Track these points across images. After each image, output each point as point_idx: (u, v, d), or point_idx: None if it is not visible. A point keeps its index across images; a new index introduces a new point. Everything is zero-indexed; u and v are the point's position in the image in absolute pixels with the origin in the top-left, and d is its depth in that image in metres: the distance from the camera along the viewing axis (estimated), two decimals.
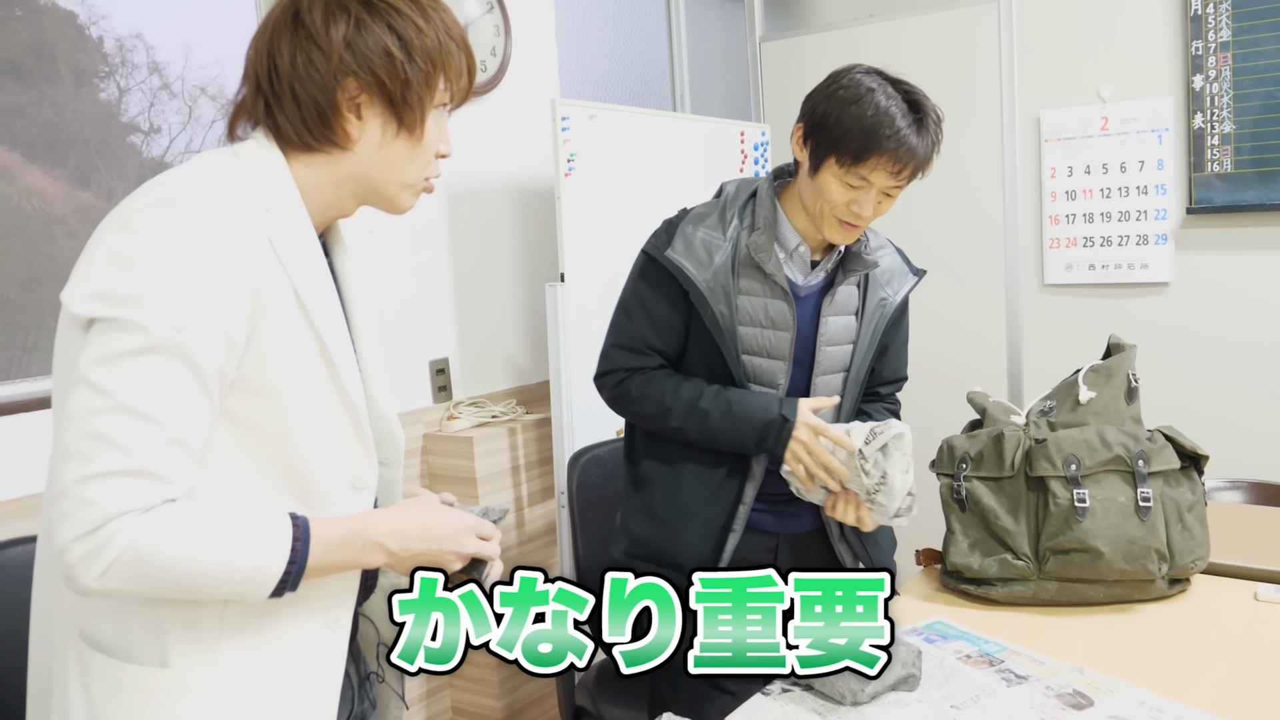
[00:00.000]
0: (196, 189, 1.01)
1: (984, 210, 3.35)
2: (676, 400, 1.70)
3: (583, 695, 2.23)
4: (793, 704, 1.52)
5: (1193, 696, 1.49)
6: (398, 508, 1.16)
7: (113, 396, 0.94)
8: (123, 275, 0.96)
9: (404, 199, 1.16)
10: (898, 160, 1.57)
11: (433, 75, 1.10)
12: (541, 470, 2.88)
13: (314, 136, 1.08)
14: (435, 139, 1.15)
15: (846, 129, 1.58)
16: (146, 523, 0.94)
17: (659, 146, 3.01)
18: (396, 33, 1.07)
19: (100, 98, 2.29)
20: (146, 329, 0.95)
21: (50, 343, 1.07)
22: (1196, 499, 1.87)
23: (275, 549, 1.01)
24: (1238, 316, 3.04)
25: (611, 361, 1.79)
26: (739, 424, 1.66)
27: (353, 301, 1.21)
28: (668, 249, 1.69)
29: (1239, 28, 2.95)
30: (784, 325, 1.69)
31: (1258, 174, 2.97)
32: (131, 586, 0.96)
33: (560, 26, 3.25)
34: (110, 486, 0.93)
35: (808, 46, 3.72)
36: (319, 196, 1.12)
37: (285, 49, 1.07)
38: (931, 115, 1.62)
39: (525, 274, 3.10)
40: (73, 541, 0.93)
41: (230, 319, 0.99)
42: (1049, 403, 1.97)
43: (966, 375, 2.99)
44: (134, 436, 0.94)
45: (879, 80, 1.62)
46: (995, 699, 1.50)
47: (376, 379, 1.22)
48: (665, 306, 1.71)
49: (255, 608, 1.06)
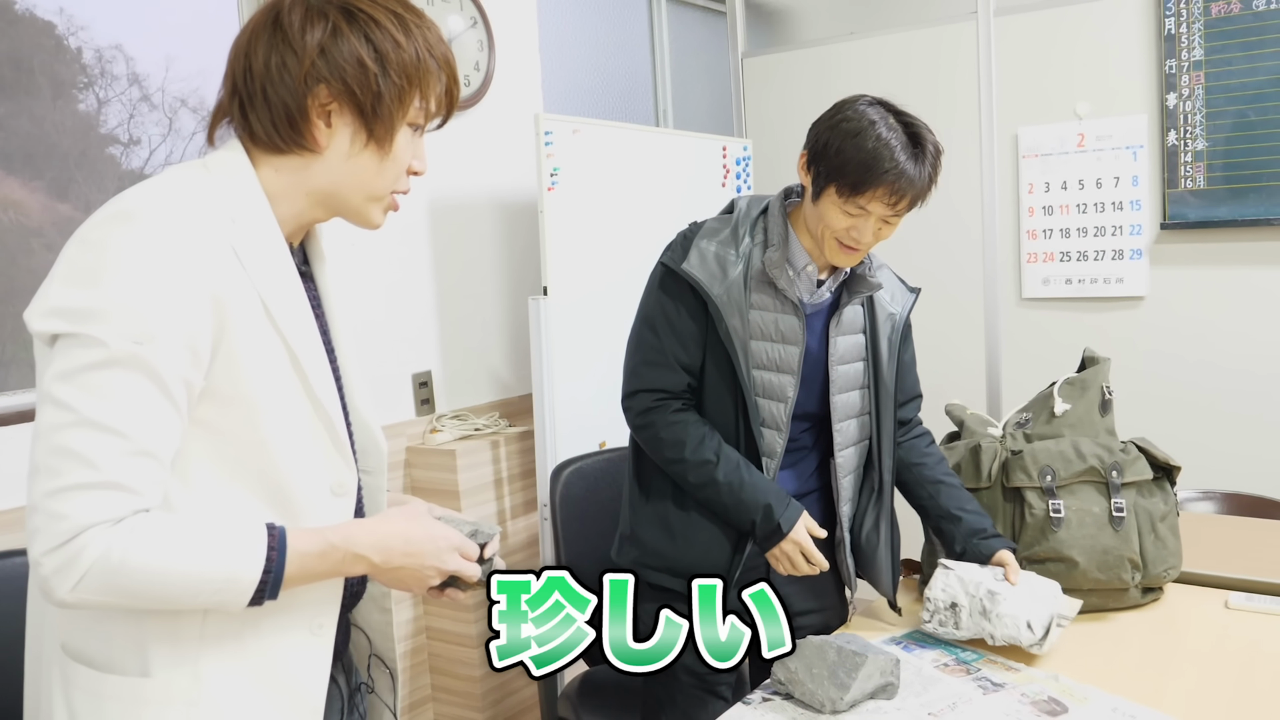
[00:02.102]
0: (154, 202, 1.00)
1: (963, 224, 3.39)
2: (696, 456, 1.71)
3: (565, 707, 2.23)
4: (773, 712, 1.53)
5: (1165, 703, 1.51)
6: (382, 518, 1.15)
7: (76, 411, 0.94)
8: (79, 291, 0.96)
9: (371, 212, 1.15)
10: (894, 193, 1.61)
11: (407, 91, 1.09)
12: (524, 483, 2.88)
13: (283, 139, 1.07)
14: (407, 154, 1.13)
15: (846, 160, 1.61)
16: (117, 533, 0.95)
17: (642, 161, 3.03)
18: (373, 45, 1.06)
19: (79, 109, 2.29)
20: (105, 343, 0.95)
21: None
22: (1169, 509, 1.90)
23: (250, 558, 1.00)
24: (1210, 330, 3.08)
25: (641, 380, 1.77)
26: (742, 509, 1.70)
27: (333, 311, 1.21)
28: (684, 262, 1.71)
29: (1211, 47, 3.01)
30: (794, 339, 1.71)
31: (1230, 190, 3.02)
32: (105, 598, 0.96)
33: (544, 41, 3.27)
34: (79, 500, 0.93)
35: (790, 63, 3.75)
36: (289, 203, 1.11)
37: (261, 50, 1.06)
38: (929, 148, 1.64)
39: (508, 287, 3.11)
40: (44, 555, 0.94)
41: (191, 329, 0.98)
42: (1025, 415, 2.00)
43: (945, 387, 3.01)
44: (99, 450, 0.94)
45: (881, 112, 1.64)
46: (972, 706, 1.52)
47: (358, 388, 1.21)
48: (688, 319, 1.72)
49: (237, 616, 1.06)
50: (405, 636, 2.78)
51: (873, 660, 1.51)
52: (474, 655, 2.72)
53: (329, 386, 1.11)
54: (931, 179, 1.66)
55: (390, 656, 1.34)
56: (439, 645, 2.80)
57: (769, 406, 1.73)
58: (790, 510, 1.70)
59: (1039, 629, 1.64)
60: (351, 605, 1.27)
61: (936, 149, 1.66)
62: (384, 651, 1.34)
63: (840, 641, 1.53)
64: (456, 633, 2.75)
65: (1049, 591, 1.71)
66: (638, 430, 1.78)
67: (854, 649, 1.51)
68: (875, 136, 1.60)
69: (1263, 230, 2.99)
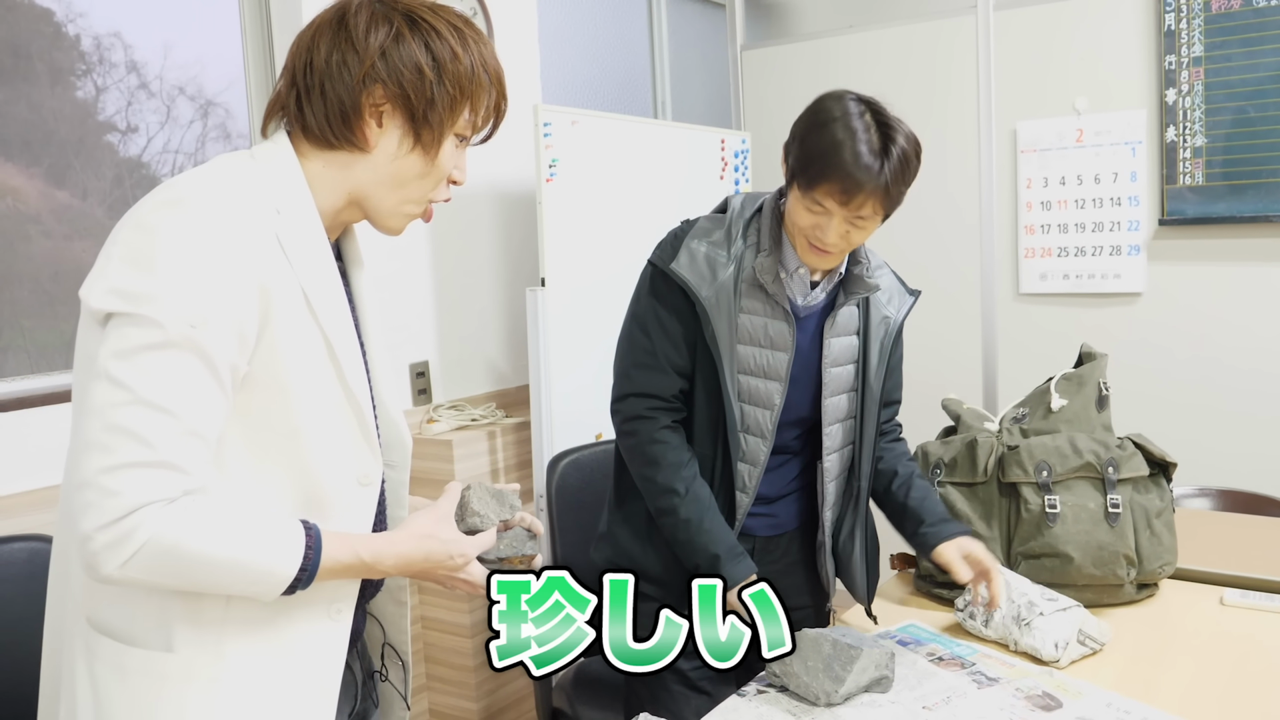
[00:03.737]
0: (205, 189, 1.03)
1: (961, 219, 3.39)
2: (665, 482, 1.66)
3: (560, 697, 2.24)
4: (768, 705, 1.53)
5: (1159, 698, 1.51)
6: (407, 533, 1.16)
7: (132, 390, 0.97)
8: (138, 273, 0.99)
9: (398, 218, 1.18)
10: (845, 191, 1.52)
11: (459, 101, 1.13)
12: (521, 474, 2.88)
13: (335, 134, 1.11)
14: (449, 163, 1.16)
15: (806, 151, 1.56)
16: (170, 515, 0.97)
17: (640, 153, 3.03)
18: (432, 53, 1.10)
19: (77, 96, 2.28)
20: (162, 325, 0.97)
21: (25, 343, 1.09)
22: (1165, 505, 1.91)
23: (289, 555, 1.04)
24: (1208, 327, 3.09)
25: (632, 383, 1.71)
26: (691, 549, 1.65)
27: (364, 307, 1.24)
28: (672, 262, 1.66)
29: (1210, 43, 3.01)
30: (783, 346, 1.67)
31: (1228, 187, 3.02)
32: (150, 577, 0.99)
33: (543, 33, 3.26)
34: (133, 477, 0.96)
35: (788, 55, 3.75)
36: (329, 198, 1.14)
37: (324, 46, 1.10)
38: (896, 151, 1.53)
39: (506, 278, 3.10)
40: (97, 530, 0.96)
41: (241, 315, 1.01)
42: (1021, 410, 2.00)
43: (942, 382, 3.01)
44: (154, 429, 0.97)
45: (858, 108, 1.55)
46: (966, 700, 1.52)
47: (385, 383, 1.25)
48: (677, 321, 1.67)
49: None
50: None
51: (868, 653, 1.51)
52: (469, 645, 2.72)
53: (361, 378, 1.14)
54: (893, 183, 1.54)
55: (404, 647, 1.38)
56: (434, 635, 2.80)
57: (754, 413, 1.69)
58: (737, 568, 1.61)
59: (1063, 649, 1.65)
60: (370, 596, 1.31)
61: (905, 154, 1.55)
62: (397, 643, 1.38)
63: (835, 635, 1.53)
64: (451, 622, 2.76)
65: (1082, 615, 1.71)
66: (621, 436, 1.75)
67: (849, 642, 1.51)
68: (838, 129, 1.52)
69: (1261, 227, 2.99)
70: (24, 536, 1.57)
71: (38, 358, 2.14)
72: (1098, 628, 1.69)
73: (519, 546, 1.24)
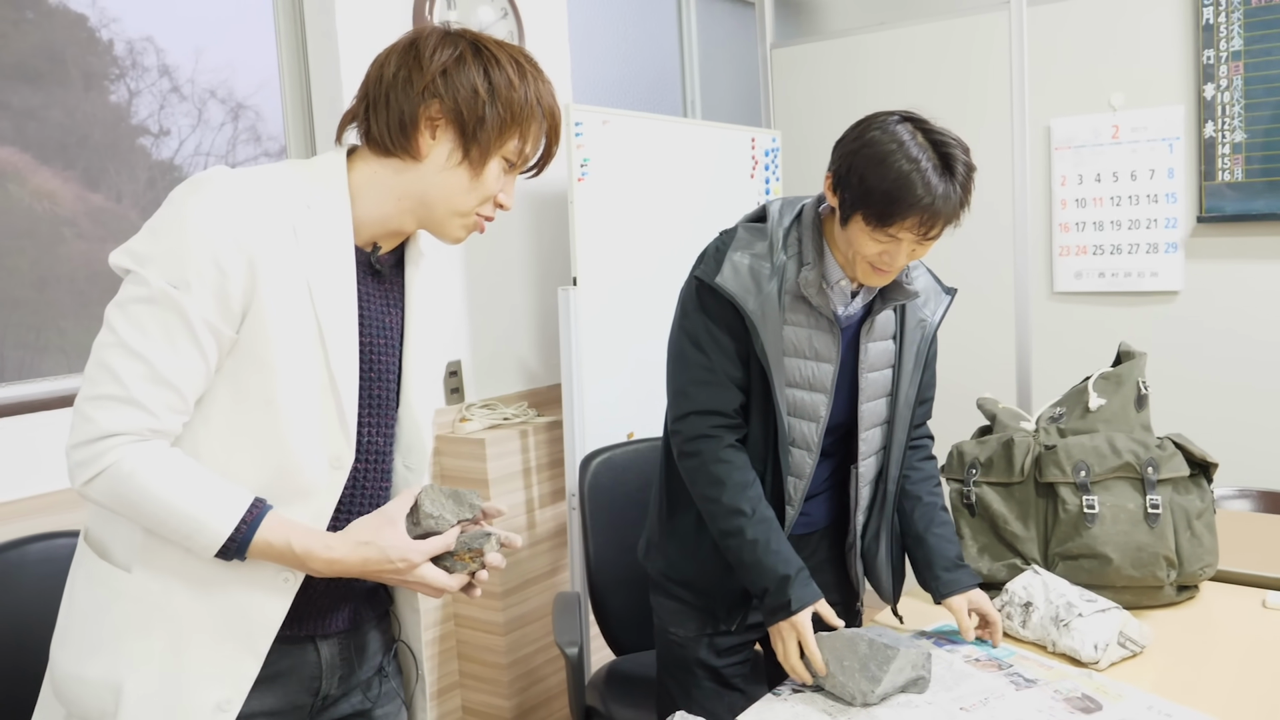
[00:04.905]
0: (228, 177, 1.15)
1: (994, 217, 3.36)
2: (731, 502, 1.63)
3: (593, 695, 2.24)
4: (803, 704, 1.52)
5: (1200, 702, 1.49)
6: (344, 539, 1.18)
7: (117, 334, 1.11)
8: (148, 238, 1.13)
9: (453, 227, 1.26)
10: (924, 222, 1.52)
11: (509, 125, 1.22)
12: (552, 472, 2.89)
13: (392, 141, 1.21)
14: (495, 184, 1.25)
15: (871, 189, 1.51)
16: (135, 450, 1.10)
17: (670, 152, 3.02)
18: (489, 79, 1.21)
19: (110, 100, 2.31)
20: (149, 283, 1.11)
21: (63, 343, 1.17)
22: (1205, 506, 1.88)
23: (224, 517, 1.12)
24: (1247, 325, 3.04)
25: (692, 400, 1.66)
26: (759, 571, 1.62)
27: (414, 313, 1.32)
28: (717, 276, 1.63)
29: (1250, 37, 2.96)
30: (828, 357, 1.65)
31: (1268, 183, 2.97)
32: (106, 501, 1.12)
33: (573, 32, 3.26)
34: (106, 409, 1.10)
35: (819, 53, 3.73)
36: (378, 203, 1.24)
37: (394, 62, 1.22)
38: (960, 168, 1.53)
39: (538, 277, 3.11)
40: (72, 448, 1.11)
41: (222, 283, 1.12)
42: (1059, 409, 1.98)
43: (976, 381, 2.99)
44: (127, 370, 1.10)
45: (910, 131, 1.53)
46: (1004, 702, 1.51)
47: (416, 388, 1.32)
48: (729, 335, 1.64)
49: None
50: (433, 623, 2.79)
51: (904, 654, 1.50)
52: (501, 642, 2.72)
53: (348, 366, 1.20)
54: (963, 201, 1.55)
55: (416, 647, 1.41)
56: (466, 632, 2.81)
57: (800, 426, 1.67)
58: (806, 591, 1.59)
59: (1102, 650, 1.63)
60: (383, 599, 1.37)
61: (968, 168, 1.55)
62: (412, 643, 1.41)
63: (871, 635, 1.52)
64: (484, 619, 2.76)
65: (1122, 617, 1.68)
66: (683, 457, 1.69)
67: (885, 642, 1.50)
68: (901, 162, 1.50)
69: None
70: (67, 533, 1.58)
71: (75, 358, 2.16)
72: (1139, 630, 1.67)
73: (470, 543, 1.23)
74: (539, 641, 2.82)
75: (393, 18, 2.67)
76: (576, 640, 2.14)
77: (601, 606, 2.30)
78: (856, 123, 1.60)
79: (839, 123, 1.67)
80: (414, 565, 1.19)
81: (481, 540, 1.23)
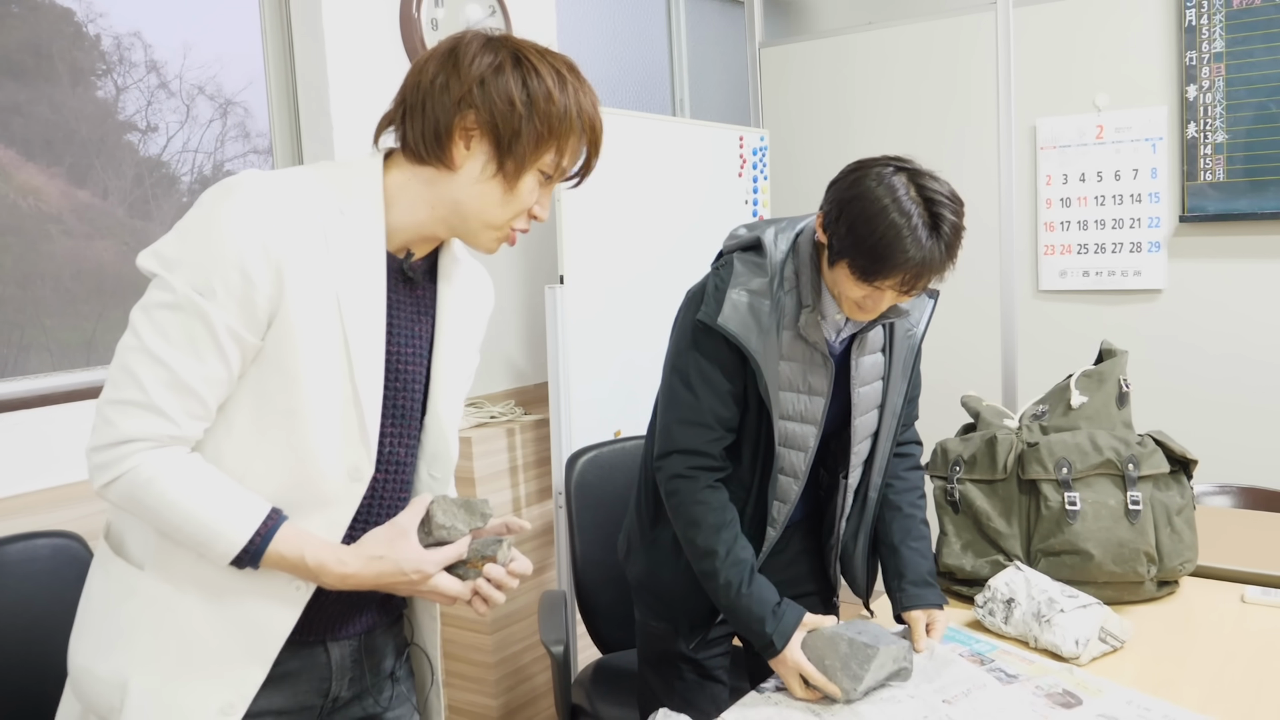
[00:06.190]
0: (258, 182, 1.13)
1: (979, 216, 3.38)
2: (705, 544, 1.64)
3: (579, 693, 2.24)
4: (788, 700, 1.53)
5: (1180, 696, 1.51)
6: (357, 553, 1.18)
7: (141, 339, 1.10)
8: (175, 241, 1.12)
9: (485, 238, 1.23)
10: (906, 282, 1.53)
11: (545, 139, 1.18)
12: (539, 471, 2.89)
13: (427, 150, 1.18)
14: (530, 197, 1.22)
15: (859, 241, 1.51)
16: (155, 456, 1.10)
17: (659, 150, 3.03)
18: (528, 90, 1.16)
19: (97, 96, 2.30)
20: (174, 288, 1.09)
21: (47, 341, 1.15)
22: (1185, 503, 1.89)
23: (240, 528, 1.12)
24: (1229, 324, 3.07)
25: (674, 440, 1.67)
26: (738, 615, 1.63)
27: (445, 322, 1.30)
28: (719, 316, 1.62)
29: (1232, 39, 2.98)
30: (820, 391, 1.67)
31: (1250, 183, 3.00)
32: (125, 504, 1.12)
33: (561, 31, 3.27)
34: (127, 413, 1.09)
35: (807, 52, 3.74)
36: (410, 211, 1.21)
37: (432, 68, 1.18)
38: (947, 228, 1.52)
39: (524, 276, 3.11)
40: (93, 451, 1.11)
41: (248, 290, 1.10)
42: (1041, 407, 1.99)
43: (961, 379, 3.01)
44: (149, 375, 1.09)
45: (903, 183, 1.51)
46: (986, 693, 1.52)
47: (445, 398, 1.30)
48: (723, 376, 1.65)
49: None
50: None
51: (884, 650, 1.51)
52: (487, 641, 2.73)
53: (372, 380, 1.18)
54: (948, 258, 1.55)
55: (433, 653, 1.42)
56: (452, 630, 2.81)
57: (789, 455, 1.68)
58: (785, 624, 1.59)
59: (1083, 646, 1.64)
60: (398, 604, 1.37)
61: (955, 229, 1.54)
62: (428, 648, 1.42)
63: (851, 632, 1.53)
64: (470, 618, 2.76)
65: (1103, 613, 1.70)
66: (666, 495, 1.71)
67: (865, 640, 1.51)
68: (891, 218, 1.48)
69: None
70: (49, 533, 1.59)
71: (59, 355, 2.16)
72: (1119, 625, 1.68)
73: (483, 550, 1.24)
74: (525, 640, 2.83)
75: (379, 16, 2.67)
76: (562, 639, 2.14)
77: (588, 604, 2.31)
78: (852, 166, 1.58)
79: (827, 121, 1.68)
80: (428, 576, 1.19)
81: (494, 547, 1.24)
